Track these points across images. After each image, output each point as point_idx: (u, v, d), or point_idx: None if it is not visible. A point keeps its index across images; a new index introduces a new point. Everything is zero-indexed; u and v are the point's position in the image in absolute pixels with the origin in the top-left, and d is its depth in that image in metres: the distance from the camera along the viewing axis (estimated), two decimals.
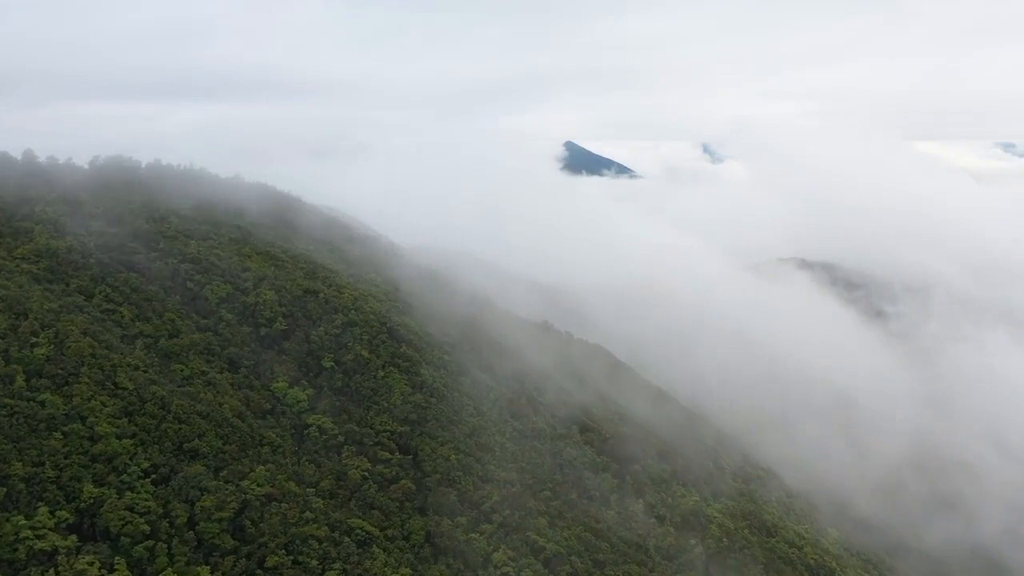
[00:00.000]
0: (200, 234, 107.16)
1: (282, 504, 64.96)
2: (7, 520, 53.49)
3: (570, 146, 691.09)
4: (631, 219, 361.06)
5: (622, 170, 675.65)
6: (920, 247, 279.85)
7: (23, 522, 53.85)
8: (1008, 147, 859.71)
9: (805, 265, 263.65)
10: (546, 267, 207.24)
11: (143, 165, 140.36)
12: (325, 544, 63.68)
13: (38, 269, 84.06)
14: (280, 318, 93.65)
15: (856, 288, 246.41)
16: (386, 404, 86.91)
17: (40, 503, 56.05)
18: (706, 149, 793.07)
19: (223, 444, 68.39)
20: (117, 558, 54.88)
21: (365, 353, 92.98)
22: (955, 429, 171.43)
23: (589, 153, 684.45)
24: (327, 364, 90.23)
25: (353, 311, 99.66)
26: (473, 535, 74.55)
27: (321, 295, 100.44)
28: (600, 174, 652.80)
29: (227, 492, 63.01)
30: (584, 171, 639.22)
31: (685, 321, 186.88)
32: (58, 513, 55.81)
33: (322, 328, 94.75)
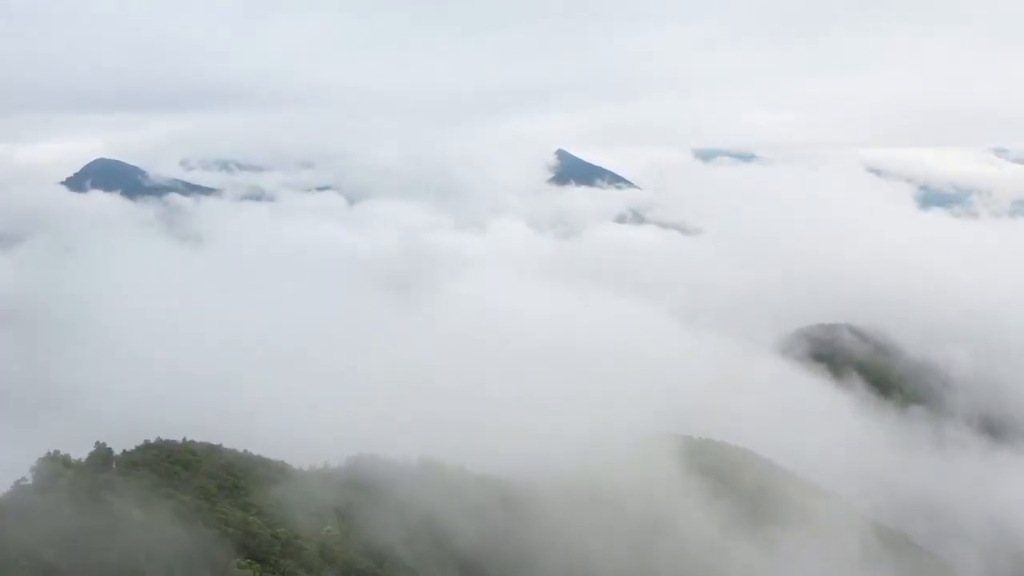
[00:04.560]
0: None
1: None
2: None
3: (562, 154, 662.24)
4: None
5: (615, 179, 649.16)
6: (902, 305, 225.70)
7: None
8: (1001, 152, 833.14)
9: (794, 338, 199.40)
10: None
11: None
12: None
13: None
14: None
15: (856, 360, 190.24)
16: None
17: None
18: (697, 154, 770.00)
19: None
20: None
21: None
22: None
23: (580, 162, 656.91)
24: None
25: None
26: None
27: None
28: (592, 184, 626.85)
29: None
30: (574, 181, 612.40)
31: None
32: None
33: None
